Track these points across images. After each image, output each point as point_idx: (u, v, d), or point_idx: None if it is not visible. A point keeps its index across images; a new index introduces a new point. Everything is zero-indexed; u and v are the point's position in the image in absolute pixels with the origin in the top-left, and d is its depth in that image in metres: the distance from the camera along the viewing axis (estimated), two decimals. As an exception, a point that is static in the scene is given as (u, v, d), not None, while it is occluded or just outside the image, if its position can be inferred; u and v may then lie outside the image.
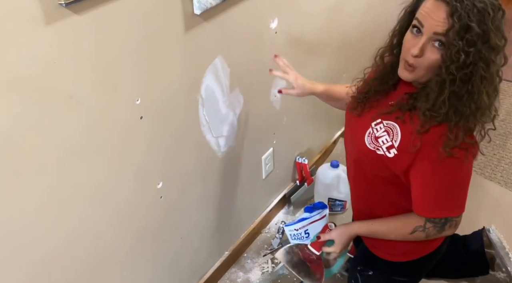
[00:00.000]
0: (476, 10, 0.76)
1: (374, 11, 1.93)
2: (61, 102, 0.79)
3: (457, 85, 0.82)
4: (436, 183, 0.92)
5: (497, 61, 0.81)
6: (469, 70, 0.80)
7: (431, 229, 0.98)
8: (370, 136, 0.99)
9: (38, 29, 0.70)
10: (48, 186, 0.84)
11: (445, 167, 0.89)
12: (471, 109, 0.84)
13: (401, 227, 1.02)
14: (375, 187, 1.06)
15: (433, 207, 0.95)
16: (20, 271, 0.86)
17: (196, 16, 1.01)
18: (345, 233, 1.14)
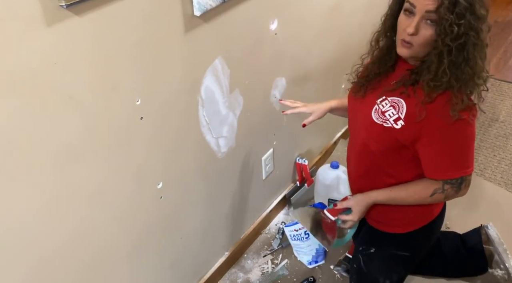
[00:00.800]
0: None
1: (373, 11, 1.93)
2: (62, 102, 0.80)
3: (454, 54, 0.90)
4: (447, 146, 0.99)
5: (484, 28, 0.89)
6: (462, 39, 0.88)
7: (450, 190, 1.03)
8: (377, 112, 1.05)
9: (39, 30, 0.71)
10: (48, 187, 0.85)
11: (453, 129, 0.96)
12: (469, 74, 0.92)
13: (420, 191, 1.07)
14: (380, 166, 1.11)
15: (447, 169, 1.01)
16: (21, 271, 0.87)
17: (196, 18, 1.01)
18: (363, 201, 1.16)
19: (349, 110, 1.19)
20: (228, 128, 1.32)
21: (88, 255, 1.01)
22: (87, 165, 0.91)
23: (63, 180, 0.87)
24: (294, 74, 1.56)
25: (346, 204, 1.19)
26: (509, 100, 2.59)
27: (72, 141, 0.85)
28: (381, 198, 1.13)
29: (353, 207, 1.17)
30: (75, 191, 0.91)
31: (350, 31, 1.83)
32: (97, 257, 1.04)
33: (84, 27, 0.78)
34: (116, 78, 0.89)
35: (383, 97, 1.05)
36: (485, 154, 2.19)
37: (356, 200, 1.17)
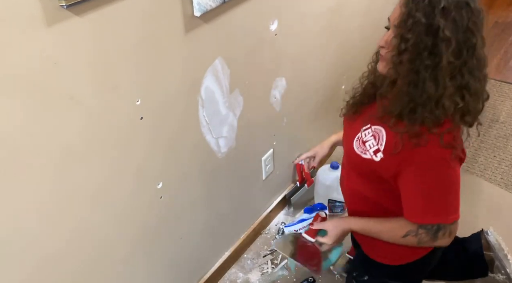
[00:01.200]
0: (427, 1, 0.80)
1: (374, 13, 1.93)
2: (62, 103, 0.80)
3: (404, 75, 0.85)
4: (423, 187, 0.92)
5: (449, 54, 0.80)
6: (409, 57, 0.83)
7: (424, 235, 0.96)
8: (358, 140, 1.01)
9: (39, 31, 0.71)
10: (49, 186, 0.85)
11: (430, 169, 0.89)
12: (422, 99, 0.85)
13: (395, 229, 1.01)
14: (365, 194, 1.07)
15: (423, 213, 0.94)
16: (20, 271, 0.87)
17: (196, 18, 1.01)
18: (339, 226, 1.13)
19: (343, 129, 1.15)
20: (228, 128, 1.33)
21: (88, 254, 1.01)
22: (87, 165, 0.91)
23: (63, 180, 0.87)
24: (294, 74, 1.56)
25: (322, 226, 1.17)
26: (510, 101, 2.59)
27: (72, 141, 0.85)
28: (356, 227, 1.10)
29: (329, 230, 1.14)
30: (75, 191, 0.91)
31: (350, 31, 1.83)
32: (97, 256, 1.04)
33: (84, 27, 0.78)
34: (116, 78, 0.89)
35: (368, 125, 0.99)
36: (485, 155, 2.19)
37: (333, 223, 1.14)
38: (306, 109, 1.76)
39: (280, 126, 1.64)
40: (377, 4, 1.94)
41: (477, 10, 0.81)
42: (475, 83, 0.85)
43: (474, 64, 0.83)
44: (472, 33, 0.81)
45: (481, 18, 0.82)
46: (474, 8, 0.81)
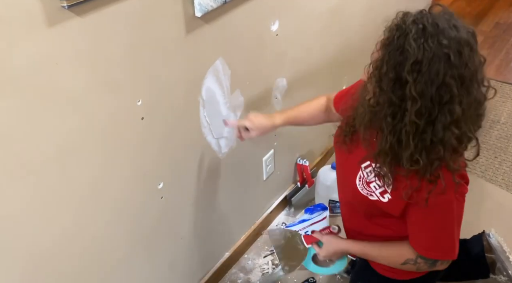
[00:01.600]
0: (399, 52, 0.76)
1: (374, 13, 1.93)
2: (63, 103, 0.80)
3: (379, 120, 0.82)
4: (429, 227, 0.92)
5: (411, 112, 0.76)
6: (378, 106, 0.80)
7: (422, 265, 0.97)
8: (361, 180, 0.97)
9: (40, 31, 0.71)
10: (49, 187, 0.85)
11: (436, 211, 0.88)
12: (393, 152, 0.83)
13: (393, 256, 1.01)
14: (368, 223, 1.06)
15: (427, 248, 0.95)
16: (19, 271, 0.87)
17: (197, 19, 1.02)
18: (334, 243, 1.13)
19: (336, 157, 1.11)
20: (229, 129, 1.33)
21: (88, 254, 1.01)
22: (88, 166, 0.91)
23: (64, 180, 0.87)
24: (295, 75, 1.56)
25: (320, 237, 1.17)
26: (511, 102, 2.59)
27: (73, 142, 0.85)
28: (353, 250, 1.09)
29: (324, 244, 1.15)
30: (76, 191, 0.91)
31: (350, 32, 1.83)
32: (97, 256, 1.04)
33: (85, 28, 0.78)
34: (117, 79, 0.89)
35: (367, 162, 0.94)
36: (486, 155, 2.19)
37: (330, 240, 1.14)
38: (307, 109, 1.76)
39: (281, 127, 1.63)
40: (377, 4, 1.94)
41: (461, 62, 0.73)
42: (452, 137, 0.78)
43: (448, 120, 0.76)
44: (448, 87, 0.74)
45: (470, 67, 0.74)
46: (455, 62, 0.73)
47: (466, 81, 0.75)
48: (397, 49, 0.75)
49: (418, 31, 0.74)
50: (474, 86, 0.76)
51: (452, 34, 0.73)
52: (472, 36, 0.76)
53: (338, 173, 1.13)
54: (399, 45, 0.75)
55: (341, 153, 1.05)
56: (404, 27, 0.75)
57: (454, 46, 0.73)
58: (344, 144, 1.01)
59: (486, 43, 3.18)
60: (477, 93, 0.78)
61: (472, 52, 0.75)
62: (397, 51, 0.75)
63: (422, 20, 0.75)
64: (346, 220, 1.19)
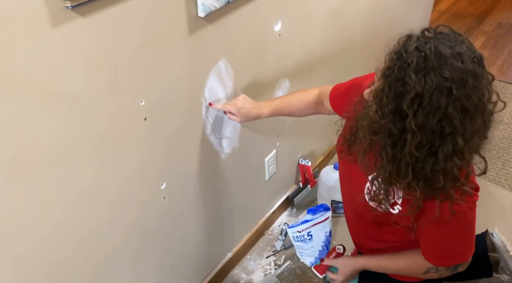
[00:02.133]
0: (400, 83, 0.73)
1: (377, 13, 1.93)
2: (66, 103, 0.80)
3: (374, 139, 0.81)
4: (444, 238, 0.91)
5: (411, 145, 0.74)
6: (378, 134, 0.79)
7: (444, 271, 0.96)
8: (370, 192, 0.94)
9: (44, 31, 0.71)
10: (52, 187, 0.85)
11: (450, 223, 0.86)
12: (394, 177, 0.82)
13: (413, 266, 0.99)
14: (376, 230, 1.05)
15: (444, 258, 0.94)
16: (27, 271, 0.87)
17: (200, 19, 1.01)
18: (350, 265, 1.10)
19: (340, 165, 1.09)
20: (231, 129, 1.32)
21: (91, 255, 1.01)
22: (91, 166, 0.91)
23: (67, 180, 0.87)
24: (298, 75, 1.56)
25: (333, 263, 1.15)
26: (514, 102, 2.58)
27: (76, 142, 0.85)
28: (371, 265, 1.07)
29: (339, 268, 1.12)
30: (78, 191, 0.91)
31: (353, 32, 1.82)
32: (100, 257, 1.04)
33: (89, 28, 0.78)
34: (121, 79, 0.89)
35: (375, 173, 0.90)
36: (489, 156, 2.18)
37: (344, 262, 1.12)
38: (309, 110, 1.76)
39: (283, 127, 1.63)
40: (380, 4, 1.93)
41: (464, 94, 0.70)
42: (454, 168, 0.77)
43: (451, 151, 0.74)
44: (450, 120, 0.71)
45: (474, 98, 0.71)
46: (457, 95, 0.70)
47: (469, 112, 0.72)
48: (398, 81, 0.72)
49: (420, 62, 0.70)
50: (478, 115, 0.74)
51: (455, 65, 0.70)
52: (478, 63, 0.73)
53: (343, 181, 1.11)
54: (399, 77, 0.72)
55: (346, 162, 1.03)
56: (405, 57, 0.72)
57: (457, 78, 0.69)
58: (349, 154, 0.99)
59: (489, 43, 3.17)
60: (483, 119, 0.76)
61: (477, 82, 0.71)
62: (398, 83, 0.72)
63: (425, 48, 0.71)
64: (352, 225, 1.18)
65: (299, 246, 1.63)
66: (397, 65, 0.72)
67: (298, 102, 1.21)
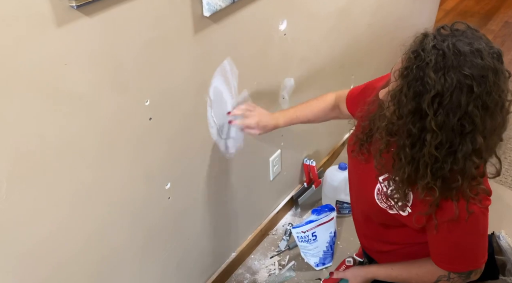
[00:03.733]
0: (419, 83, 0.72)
1: (383, 12, 1.92)
2: (72, 103, 0.80)
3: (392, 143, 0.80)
4: (457, 240, 0.89)
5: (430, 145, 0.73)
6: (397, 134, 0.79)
7: (456, 279, 0.93)
8: (380, 194, 0.93)
9: (49, 31, 0.71)
10: (57, 187, 0.85)
11: (464, 225, 0.84)
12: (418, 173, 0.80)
13: (424, 275, 0.97)
14: (384, 232, 1.03)
15: (456, 263, 0.92)
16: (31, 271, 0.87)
17: (206, 18, 1.01)
18: (360, 276, 1.09)
19: (349, 164, 1.08)
20: (236, 130, 1.32)
21: (96, 254, 1.01)
22: (97, 165, 0.91)
23: (73, 180, 0.87)
24: (303, 74, 1.56)
25: (342, 275, 1.14)
26: (520, 102, 2.56)
27: (80, 141, 0.85)
28: (380, 275, 1.06)
29: (350, 279, 1.11)
30: (84, 191, 0.91)
31: (359, 31, 1.81)
32: (105, 256, 1.04)
33: (94, 27, 0.78)
34: (126, 79, 0.89)
35: (386, 174, 0.90)
36: (496, 156, 2.17)
37: (354, 273, 1.10)
38: (314, 109, 1.75)
39: (288, 127, 1.62)
40: (386, 3, 1.92)
41: (485, 91, 0.70)
42: (472, 167, 0.76)
43: (470, 150, 0.74)
44: (471, 118, 0.71)
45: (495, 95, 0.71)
46: (478, 92, 0.69)
47: (490, 109, 0.71)
48: (417, 81, 0.71)
49: (438, 60, 0.69)
50: (498, 111, 0.73)
51: (475, 62, 0.69)
52: (498, 59, 0.72)
53: (352, 182, 1.10)
54: (418, 77, 0.71)
55: (357, 162, 1.01)
56: (423, 56, 0.70)
57: (477, 75, 0.68)
58: (360, 153, 0.98)
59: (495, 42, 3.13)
60: (502, 116, 0.75)
61: (497, 78, 0.71)
62: (417, 83, 0.71)
63: (443, 46, 0.70)
64: (359, 226, 1.17)
65: (303, 247, 1.63)
66: (415, 64, 0.71)
67: (314, 109, 1.22)
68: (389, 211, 0.93)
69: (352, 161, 1.05)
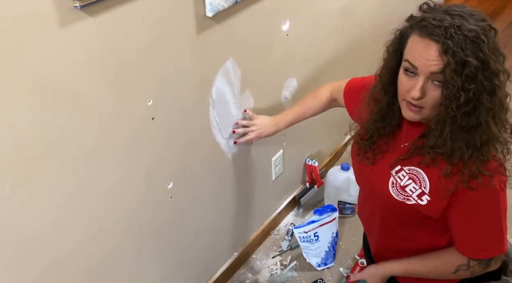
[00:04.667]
0: (469, 41, 0.72)
1: (385, 12, 1.91)
2: (75, 102, 0.81)
3: (460, 122, 0.78)
4: (478, 223, 0.88)
5: (501, 85, 0.76)
6: (471, 105, 0.76)
7: (476, 267, 0.92)
8: (395, 186, 0.93)
9: (53, 31, 0.72)
10: (61, 186, 0.86)
11: (484, 204, 0.85)
12: (482, 141, 0.80)
13: (442, 266, 0.96)
14: (402, 231, 1.02)
15: (479, 248, 0.90)
16: (34, 270, 0.88)
17: (208, 19, 1.01)
18: (377, 275, 1.06)
19: (356, 173, 1.08)
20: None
21: (99, 253, 1.02)
22: (99, 165, 0.91)
23: (76, 180, 0.88)
24: (305, 75, 1.56)
25: (360, 277, 1.11)
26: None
27: (84, 141, 0.86)
28: (398, 270, 1.03)
29: (368, 279, 1.09)
30: (88, 191, 0.91)
31: (361, 31, 1.81)
32: (108, 255, 1.05)
33: (97, 28, 0.78)
34: (128, 79, 0.89)
35: (398, 166, 0.91)
36: (499, 157, 2.16)
37: (371, 272, 1.08)
38: (316, 110, 1.75)
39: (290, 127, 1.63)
40: (389, 3, 1.92)
41: (494, 29, 0.77)
42: (500, 130, 0.81)
43: (498, 102, 0.78)
44: (504, 57, 0.77)
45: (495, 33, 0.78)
46: (495, 30, 0.77)
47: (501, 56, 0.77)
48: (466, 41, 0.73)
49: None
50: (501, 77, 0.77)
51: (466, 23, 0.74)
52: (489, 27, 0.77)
53: (363, 187, 1.09)
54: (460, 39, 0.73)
55: (363, 167, 1.00)
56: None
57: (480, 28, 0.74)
58: (365, 158, 0.98)
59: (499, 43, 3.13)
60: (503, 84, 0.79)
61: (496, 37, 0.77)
62: (467, 44, 0.73)
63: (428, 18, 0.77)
64: (374, 235, 1.14)
65: (305, 247, 1.64)
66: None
67: (311, 110, 1.27)
68: (407, 202, 0.91)
69: (359, 168, 1.04)
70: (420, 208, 0.91)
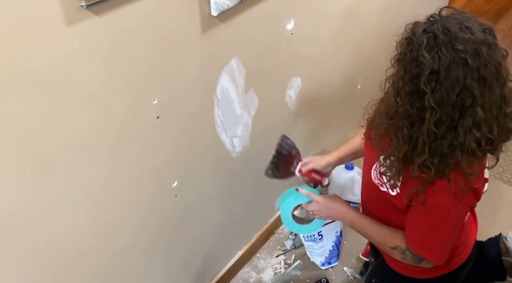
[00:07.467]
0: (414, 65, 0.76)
1: (390, 12, 1.91)
2: (80, 101, 0.81)
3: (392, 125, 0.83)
4: (425, 223, 0.92)
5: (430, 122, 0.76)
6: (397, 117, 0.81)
7: (409, 257, 0.97)
8: (376, 170, 0.98)
9: (59, 30, 0.72)
10: (65, 185, 0.86)
11: (431, 211, 0.88)
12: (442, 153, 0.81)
13: (386, 237, 1.01)
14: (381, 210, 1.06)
15: (419, 246, 0.94)
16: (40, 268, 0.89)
17: (213, 18, 1.02)
18: (331, 211, 1.09)
19: (364, 155, 1.10)
20: (242, 128, 1.33)
21: (103, 252, 1.02)
22: (103, 164, 0.92)
23: (81, 178, 0.88)
24: (310, 74, 1.55)
25: (316, 199, 1.12)
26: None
27: (89, 139, 0.86)
28: (350, 219, 1.07)
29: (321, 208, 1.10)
30: (92, 189, 0.92)
31: (366, 31, 1.81)
32: (113, 253, 1.05)
33: (103, 27, 0.79)
34: (134, 78, 0.90)
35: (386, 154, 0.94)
36: (504, 157, 2.14)
37: (328, 205, 1.09)
38: (321, 109, 1.75)
39: (294, 126, 1.63)
40: (393, 3, 1.91)
41: (481, 63, 0.72)
42: (472, 140, 0.77)
43: (471, 123, 0.76)
44: (470, 91, 0.73)
45: (491, 67, 0.73)
46: (473, 65, 0.71)
47: (488, 81, 0.73)
48: (412, 63, 0.75)
49: (430, 40, 0.73)
50: (496, 84, 0.75)
51: (466, 37, 0.72)
52: (489, 33, 0.74)
53: (363, 170, 1.13)
54: (413, 58, 0.75)
55: (367, 145, 1.05)
56: (415, 39, 0.76)
57: (470, 48, 0.72)
58: (370, 139, 1.02)
59: (505, 41, 3.11)
60: (502, 89, 0.77)
61: (491, 50, 0.73)
62: (412, 64, 0.75)
63: (432, 29, 0.74)
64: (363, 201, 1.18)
65: (309, 246, 1.64)
66: (408, 48, 0.76)
67: (358, 145, 1.23)
68: (380, 188, 0.96)
69: (366, 146, 1.07)
70: (389, 196, 0.95)
